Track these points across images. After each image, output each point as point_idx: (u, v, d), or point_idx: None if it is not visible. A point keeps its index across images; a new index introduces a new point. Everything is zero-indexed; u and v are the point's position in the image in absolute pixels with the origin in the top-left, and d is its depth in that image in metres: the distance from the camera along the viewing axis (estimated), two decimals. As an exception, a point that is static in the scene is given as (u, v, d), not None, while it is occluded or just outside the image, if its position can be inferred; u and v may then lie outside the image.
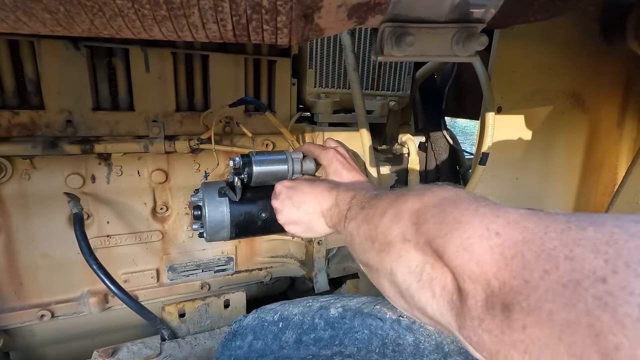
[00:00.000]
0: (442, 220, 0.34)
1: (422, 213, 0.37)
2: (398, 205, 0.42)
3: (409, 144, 1.33)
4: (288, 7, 0.45)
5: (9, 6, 0.41)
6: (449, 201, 0.36)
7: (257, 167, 0.78)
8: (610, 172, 1.44)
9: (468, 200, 0.35)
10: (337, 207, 0.60)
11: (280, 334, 0.75)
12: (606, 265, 0.22)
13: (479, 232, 0.30)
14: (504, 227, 0.29)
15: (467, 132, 6.70)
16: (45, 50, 0.89)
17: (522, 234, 0.28)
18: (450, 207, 0.35)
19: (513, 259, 0.27)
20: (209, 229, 0.79)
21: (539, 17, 0.59)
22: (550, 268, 0.24)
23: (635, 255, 0.21)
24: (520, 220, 0.29)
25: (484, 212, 0.32)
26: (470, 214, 0.33)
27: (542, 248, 0.25)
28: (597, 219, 0.25)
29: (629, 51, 1.16)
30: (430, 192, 0.40)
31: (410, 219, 0.39)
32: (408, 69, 1.33)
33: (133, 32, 0.48)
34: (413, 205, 0.39)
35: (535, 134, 1.27)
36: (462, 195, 0.37)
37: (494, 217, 0.31)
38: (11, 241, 0.96)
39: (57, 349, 1.10)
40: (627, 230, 0.23)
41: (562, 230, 0.26)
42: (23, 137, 0.91)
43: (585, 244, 0.23)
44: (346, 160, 0.75)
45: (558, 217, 0.27)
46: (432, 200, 0.38)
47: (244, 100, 1.03)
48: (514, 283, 0.26)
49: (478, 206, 0.33)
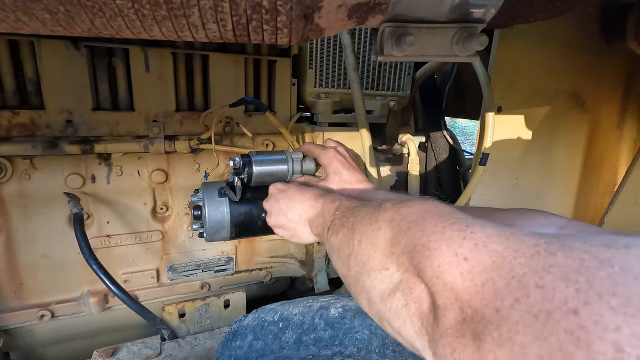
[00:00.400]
0: (413, 248, 0.34)
1: (396, 242, 0.37)
2: (372, 233, 0.42)
3: (409, 144, 1.33)
4: (288, 7, 0.45)
5: (9, 6, 0.41)
6: (417, 225, 0.36)
7: (257, 167, 0.78)
8: (610, 172, 1.44)
9: (434, 220, 0.35)
10: (322, 217, 0.59)
11: (280, 334, 0.75)
12: (577, 295, 0.21)
13: (448, 259, 0.30)
14: (471, 251, 0.29)
15: (467, 132, 6.70)
16: (45, 50, 0.89)
17: (491, 259, 0.27)
18: (418, 232, 0.35)
19: (484, 286, 0.26)
20: (209, 229, 0.79)
21: (539, 17, 0.59)
22: (521, 296, 0.23)
23: (608, 286, 0.20)
24: (488, 243, 0.28)
25: (451, 234, 0.31)
26: (437, 239, 0.32)
27: (512, 274, 0.25)
28: (566, 242, 0.24)
29: (628, 51, 1.16)
30: (399, 214, 0.40)
31: (385, 249, 0.39)
32: (408, 69, 1.33)
33: (133, 32, 0.48)
34: (385, 233, 0.40)
35: (535, 134, 1.27)
36: (429, 213, 0.37)
37: (461, 239, 0.30)
38: (11, 241, 0.96)
39: (57, 349, 1.10)
40: (597, 257, 0.22)
41: (531, 255, 0.25)
42: (23, 137, 0.91)
43: (555, 271, 0.23)
44: (346, 160, 0.75)
45: (526, 240, 0.27)
46: (401, 226, 0.38)
47: (244, 100, 1.03)
48: (485, 312, 0.25)
49: (444, 227, 0.33)
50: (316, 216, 0.61)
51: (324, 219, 0.58)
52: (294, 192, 0.68)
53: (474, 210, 0.55)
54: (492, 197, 1.28)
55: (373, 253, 0.41)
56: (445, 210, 0.37)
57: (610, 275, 0.21)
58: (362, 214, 0.47)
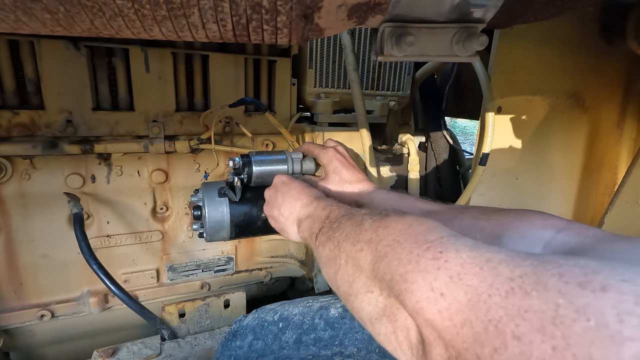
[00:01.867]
0: (392, 277, 0.34)
1: (376, 267, 0.37)
2: (356, 255, 0.41)
3: (409, 144, 1.33)
4: (288, 7, 0.45)
5: (9, 6, 0.41)
6: (393, 251, 0.35)
7: (257, 167, 0.78)
8: (610, 172, 1.44)
9: (409, 245, 0.34)
10: (311, 221, 0.59)
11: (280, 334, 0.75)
12: (554, 355, 0.20)
13: (425, 294, 0.29)
14: (447, 285, 0.28)
15: (467, 132, 6.70)
16: (45, 50, 0.89)
17: (466, 296, 0.26)
18: (395, 260, 0.34)
19: (463, 327, 0.26)
20: (209, 229, 0.79)
21: (539, 17, 0.59)
22: (499, 346, 0.23)
23: (584, 346, 0.20)
24: (463, 275, 0.28)
25: (425, 265, 0.31)
26: (413, 269, 0.32)
27: (488, 317, 0.25)
28: (541, 277, 0.24)
29: (628, 51, 1.16)
30: (377, 236, 0.39)
31: (368, 272, 0.39)
32: (408, 69, 1.33)
33: (133, 32, 0.48)
34: (367, 256, 0.39)
35: (535, 134, 1.27)
36: (404, 235, 0.36)
37: (436, 270, 0.30)
38: (11, 241, 0.96)
39: (57, 349, 1.10)
40: (572, 303, 0.21)
41: (507, 293, 0.24)
42: (23, 137, 0.91)
43: (531, 318, 0.22)
44: (345, 159, 0.75)
45: (501, 271, 0.26)
46: (379, 250, 0.38)
47: (244, 100, 1.03)
48: (467, 356, 0.25)
49: (419, 256, 0.32)
50: (306, 218, 0.61)
51: (312, 224, 0.58)
52: (294, 188, 0.68)
53: (474, 210, 0.55)
54: (492, 197, 1.28)
55: (358, 274, 0.41)
56: (421, 229, 0.36)
57: (587, 332, 0.20)
58: (347, 230, 0.46)
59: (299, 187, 0.68)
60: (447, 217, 0.57)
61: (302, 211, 0.63)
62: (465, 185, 1.54)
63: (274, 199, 0.70)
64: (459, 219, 0.55)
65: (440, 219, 0.58)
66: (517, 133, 1.26)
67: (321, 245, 0.52)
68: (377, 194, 0.70)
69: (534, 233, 0.45)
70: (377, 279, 0.37)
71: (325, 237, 0.51)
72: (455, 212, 0.57)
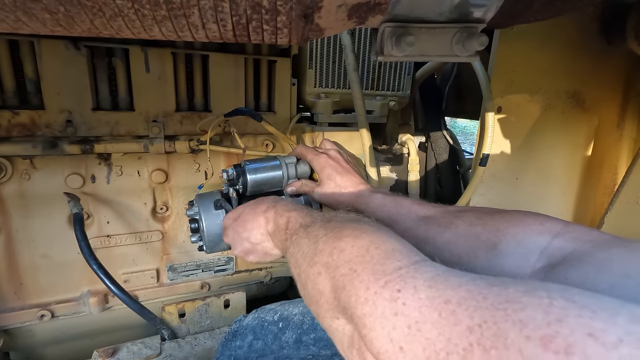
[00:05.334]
0: (351, 315, 0.33)
1: (337, 297, 0.36)
2: (315, 278, 0.40)
3: (409, 144, 1.33)
4: (288, 7, 0.45)
5: (9, 6, 0.41)
6: (351, 283, 0.34)
7: (252, 176, 0.78)
8: (610, 172, 1.44)
9: (366, 277, 0.33)
10: (277, 231, 0.57)
11: (280, 334, 0.75)
12: None
13: (385, 346, 0.28)
14: (405, 337, 0.27)
15: (467, 132, 6.70)
16: (45, 50, 0.89)
17: (424, 352, 0.25)
18: (353, 296, 0.33)
19: None
20: (208, 242, 0.78)
21: (539, 17, 0.59)
22: None
23: None
24: (421, 325, 0.26)
25: (383, 310, 0.29)
26: (370, 312, 0.30)
27: None
28: (501, 327, 0.22)
29: (629, 51, 1.16)
30: (333, 260, 0.37)
31: (331, 299, 0.37)
32: (408, 69, 1.33)
33: (133, 32, 0.48)
34: (326, 283, 0.38)
35: (535, 134, 1.27)
36: (361, 264, 0.34)
37: (393, 316, 0.28)
38: (11, 241, 0.96)
39: (57, 349, 1.10)
40: None
41: (465, 351, 0.23)
42: (23, 137, 0.91)
43: None
44: (339, 164, 0.73)
45: (461, 318, 0.25)
46: (337, 279, 0.36)
47: (239, 110, 1.02)
48: None
49: (376, 295, 0.31)
50: (274, 231, 0.58)
51: (278, 234, 0.56)
52: (246, 214, 0.65)
53: (470, 215, 0.54)
54: (492, 197, 1.28)
55: (322, 299, 0.39)
56: (379, 256, 0.34)
57: None
58: (303, 248, 0.44)
59: (249, 208, 0.65)
60: (443, 223, 0.56)
61: (268, 225, 0.60)
62: (465, 185, 1.54)
63: (238, 237, 0.66)
64: (455, 225, 0.54)
65: (435, 225, 0.58)
66: (517, 133, 1.26)
67: (287, 258, 0.50)
68: (374, 199, 0.68)
69: (530, 239, 0.44)
70: (340, 309, 0.35)
71: (288, 254, 0.49)
72: (451, 217, 0.56)
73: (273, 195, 0.70)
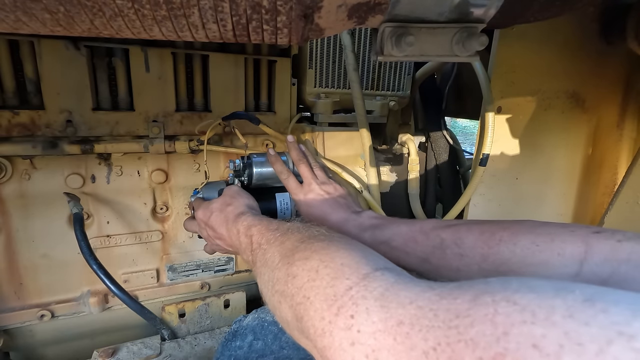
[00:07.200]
0: (314, 347, 0.32)
1: (300, 328, 0.35)
2: (278, 306, 0.39)
3: (409, 144, 1.33)
4: (288, 7, 0.45)
5: (9, 6, 0.41)
6: (307, 314, 0.33)
7: (258, 169, 0.78)
8: (610, 172, 1.44)
9: (320, 305, 0.32)
10: (243, 250, 0.56)
11: (280, 334, 0.75)
12: None
13: None
14: None
15: (467, 132, 6.70)
16: (45, 50, 0.89)
17: None
18: (311, 328, 0.32)
19: None
20: None
21: (539, 17, 0.59)
22: None
23: None
24: (378, 353, 0.25)
25: (340, 340, 0.28)
26: (329, 345, 0.29)
27: None
28: (455, 349, 0.21)
29: (629, 51, 1.16)
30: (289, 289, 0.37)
31: (295, 327, 0.37)
32: (408, 69, 1.33)
33: (133, 32, 0.48)
34: (287, 312, 0.37)
35: (535, 134, 1.27)
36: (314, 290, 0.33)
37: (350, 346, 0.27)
38: (11, 241, 0.96)
39: (57, 349, 1.10)
40: None
41: None
42: (23, 137, 0.91)
43: None
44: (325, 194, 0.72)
45: (415, 342, 0.23)
46: (295, 308, 0.35)
47: (237, 114, 1.03)
48: None
49: (332, 324, 0.30)
50: (240, 249, 0.57)
51: (245, 254, 0.55)
52: (215, 218, 0.65)
53: (471, 225, 0.52)
54: (492, 198, 1.28)
55: (288, 326, 0.38)
56: (327, 274, 0.33)
57: None
58: (265, 278, 0.43)
59: (216, 210, 0.64)
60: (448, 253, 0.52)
61: (233, 240, 0.59)
62: (465, 185, 1.54)
63: (210, 239, 0.65)
64: None
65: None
66: (517, 133, 1.26)
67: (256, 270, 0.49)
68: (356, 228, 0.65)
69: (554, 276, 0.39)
70: (305, 336, 0.34)
71: (256, 278, 0.49)
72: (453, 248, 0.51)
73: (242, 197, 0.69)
